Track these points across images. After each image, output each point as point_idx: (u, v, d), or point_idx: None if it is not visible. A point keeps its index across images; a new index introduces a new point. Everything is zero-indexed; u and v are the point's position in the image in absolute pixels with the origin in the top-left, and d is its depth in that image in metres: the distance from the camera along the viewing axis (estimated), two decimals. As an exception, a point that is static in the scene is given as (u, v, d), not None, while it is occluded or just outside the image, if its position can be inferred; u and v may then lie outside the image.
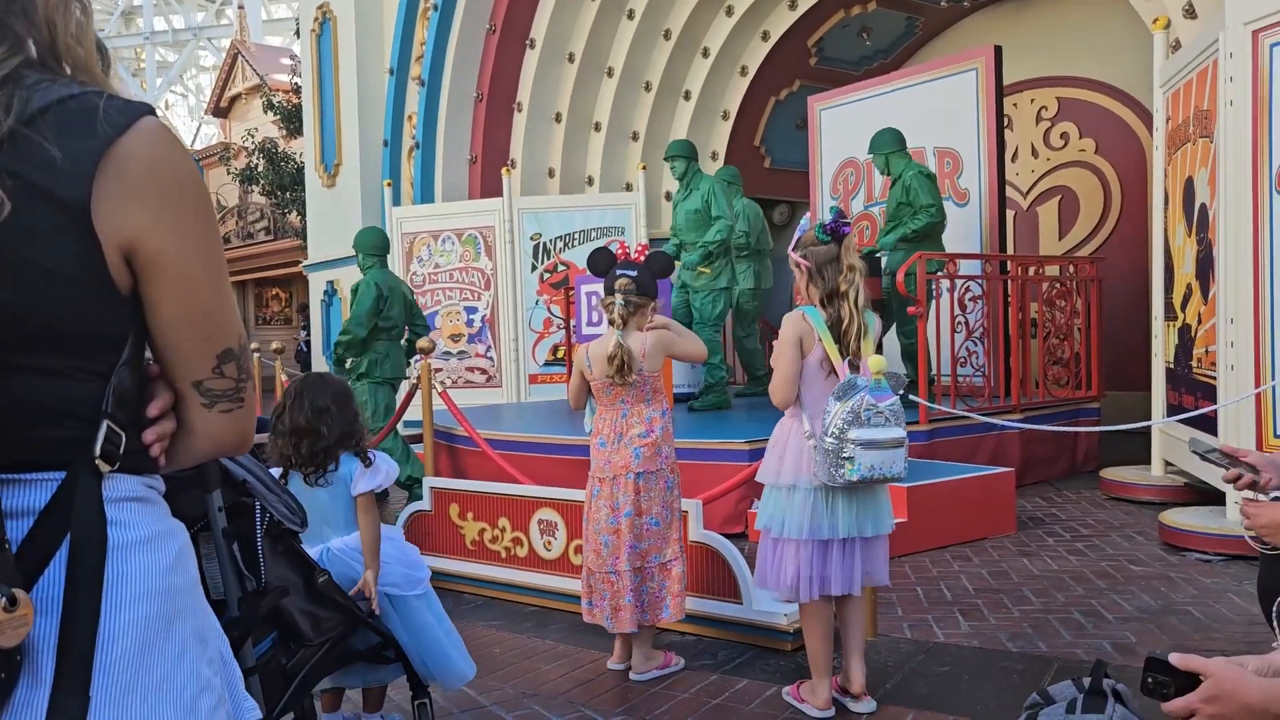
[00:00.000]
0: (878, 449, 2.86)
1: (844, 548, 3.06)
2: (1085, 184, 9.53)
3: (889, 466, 2.90)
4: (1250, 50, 4.76)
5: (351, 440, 2.82)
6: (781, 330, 3.12)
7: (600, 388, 3.54)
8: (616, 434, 3.50)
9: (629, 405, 3.51)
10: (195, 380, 1.11)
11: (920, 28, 10.48)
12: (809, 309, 3.07)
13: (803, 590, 3.06)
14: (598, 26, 10.17)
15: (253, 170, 17.87)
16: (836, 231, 3.03)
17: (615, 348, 3.44)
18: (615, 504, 3.47)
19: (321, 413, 2.76)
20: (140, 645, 1.03)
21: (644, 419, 3.50)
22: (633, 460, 3.45)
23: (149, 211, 1.03)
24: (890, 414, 2.91)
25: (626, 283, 3.49)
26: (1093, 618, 3.90)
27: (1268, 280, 4.73)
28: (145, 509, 1.09)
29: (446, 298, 10.24)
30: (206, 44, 38.64)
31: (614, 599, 3.46)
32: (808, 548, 3.05)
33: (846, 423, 2.86)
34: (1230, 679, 1.34)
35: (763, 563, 3.19)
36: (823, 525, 3.03)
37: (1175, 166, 5.89)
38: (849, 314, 3.00)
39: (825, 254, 3.04)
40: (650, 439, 3.47)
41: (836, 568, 3.06)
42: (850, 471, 2.87)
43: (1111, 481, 6.28)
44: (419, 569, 2.90)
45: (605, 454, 3.51)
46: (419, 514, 4.88)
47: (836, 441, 2.87)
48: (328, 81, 12.02)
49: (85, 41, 1.09)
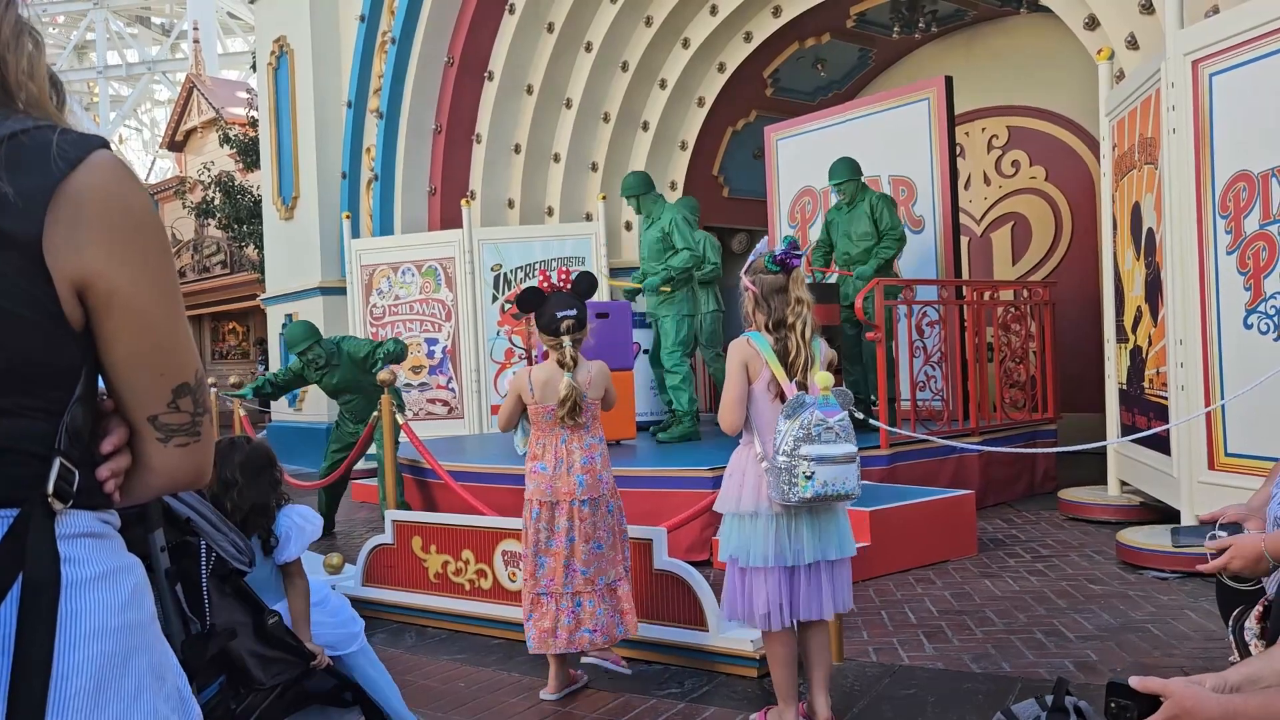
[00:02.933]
0: (830, 464, 2.86)
1: (809, 573, 3.06)
2: (1036, 210, 9.73)
3: (842, 483, 2.89)
4: (1190, 80, 4.91)
5: (267, 514, 2.65)
6: (728, 356, 3.14)
7: (539, 413, 3.56)
8: (557, 459, 3.53)
9: (569, 432, 3.55)
10: (150, 415, 1.10)
11: (873, 59, 10.68)
12: (754, 334, 3.10)
13: (773, 618, 3.04)
14: (556, 58, 10.25)
15: (209, 204, 17.69)
16: (785, 263, 3.05)
17: (569, 390, 3.47)
18: (555, 527, 3.51)
19: (228, 486, 2.58)
20: (96, 683, 1.02)
21: (584, 445, 3.55)
22: (577, 488, 3.49)
23: (102, 248, 1.02)
24: (840, 429, 2.91)
25: (571, 323, 3.52)
26: (1054, 637, 3.94)
27: (1214, 302, 4.85)
28: (99, 545, 1.07)
29: (407, 329, 10.19)
30: (161, 78, 38.37)
31: (540, 620, 3.50)
32: (774, 575, 3.03)
33: (798, 440, 2.86)
34: (1189, 697, 1.37)
35: (731, 594, 3.15)
36: (786, 552, 3.02)
37: (1122, 192, 6.03)
38: (795, 346, 3.01)
39: (773, 283, 3.07)
40: (591, 465, 3.53)
41: (803, 593, 3.05)
42: (804, 488, 2.85)
43: (1069, 502, 6.36)
44: (353, 624, 2.82)
45: (547, 479, 3.53)
46: (381, 547, 4.82)
47: (788, 459, 2.86)
48: (285, 114, 11.97)
49: (37, 76, 1.08)
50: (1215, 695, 1.39)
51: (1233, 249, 4.75)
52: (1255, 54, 4.61)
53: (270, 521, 2.67)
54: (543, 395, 3.53)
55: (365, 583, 4.83)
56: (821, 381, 2.96)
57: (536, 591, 3.53)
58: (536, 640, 3.52)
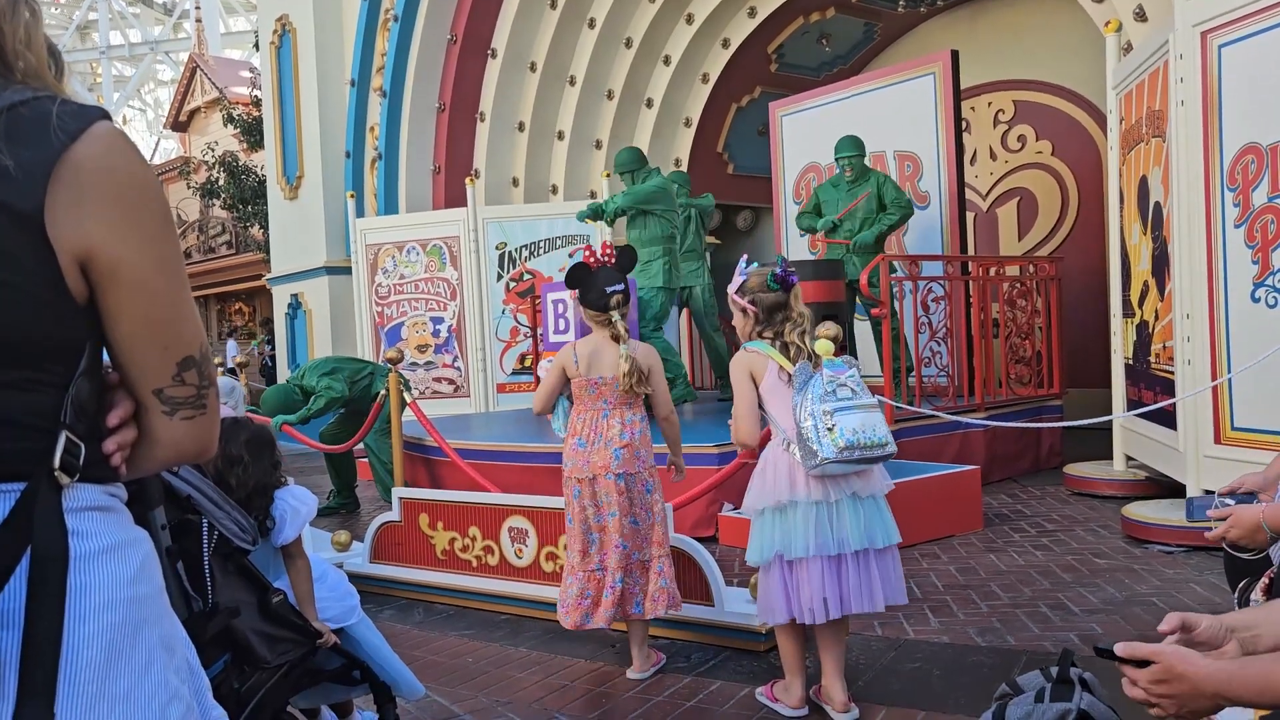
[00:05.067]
0: (852, 413, 2.84)
1: (858, 562, 2.96)
2: (1043, 185, 9.68)
3: (872, 430, 2.84)
4: (1199, 51, 4.87)
5: (266, 496, 2.64)
6: (731, 372, 3.14)
7: (583, 386, 3.52)
8: (596, 434, 3.49)
9: (610, 407, 3.50)
10: (156, 388, 1.10)
11: (878, 33, 10.60)
12: (751, 343, 3.12)
13: (818, 613, 2.92)
14: (559, 36, 10.19)
15: (213, 184, 17.69)
16: (785, 281, 3.07)
17: (630, 364, 3.44)
18: (599, 502, 3.47)
19: (233, 462, 2.56)
20: (106, 656, 1.02)
21: (624, 421, 3.49)
22: (612, 461, 3.44)
23: (105, 220, 1.01)
24: (854, 385, 2.91)
25: (620, 298, 3.49)
26: (1059, 611, 3.95)
27: (1221, 275, 4.83)
28: (107, 518, 1.08)
29: (412, 308, 10.20)
30: (164, 58, 38.24)
31: (597, 595, 3.47)
32: (818, 565, 2.93)
33: (814, 402, 2.86)
34: (1181, 660, 1.35)
35: (771, 594, 3.02)
36: (829, 540, 2.92)
37: (1130, 166, 5.99)
38: (796, 348, 3.04)
39: (773, 302, 3.09)
40: (629, 441, 3.47)
41: (853, 584, 2.95)
42: (835, 439, 2.80)
43: (1075, 477, 6.36)
44: (350, 596, 2.83)
45: (584, 454, 3.49)
46: (389, 524, 4.85)
47: (812, 420, 2.84)
48: (288, 94, 11.94)
49: (35, 46, 1.08)
50: (1208, 660, 1.37)
51: (1240, 222, 4.72)
52: (1264, 25, 4.56)
53: (269, 503, 2.66)
54: (588, 368, 3.48)
55: (373, 559, 4.86)
56: (822, 349, 2.96)
57: (591, 569, 3.47)
58: (596, 616, 3.44)
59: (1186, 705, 1.35)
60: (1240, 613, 1.55)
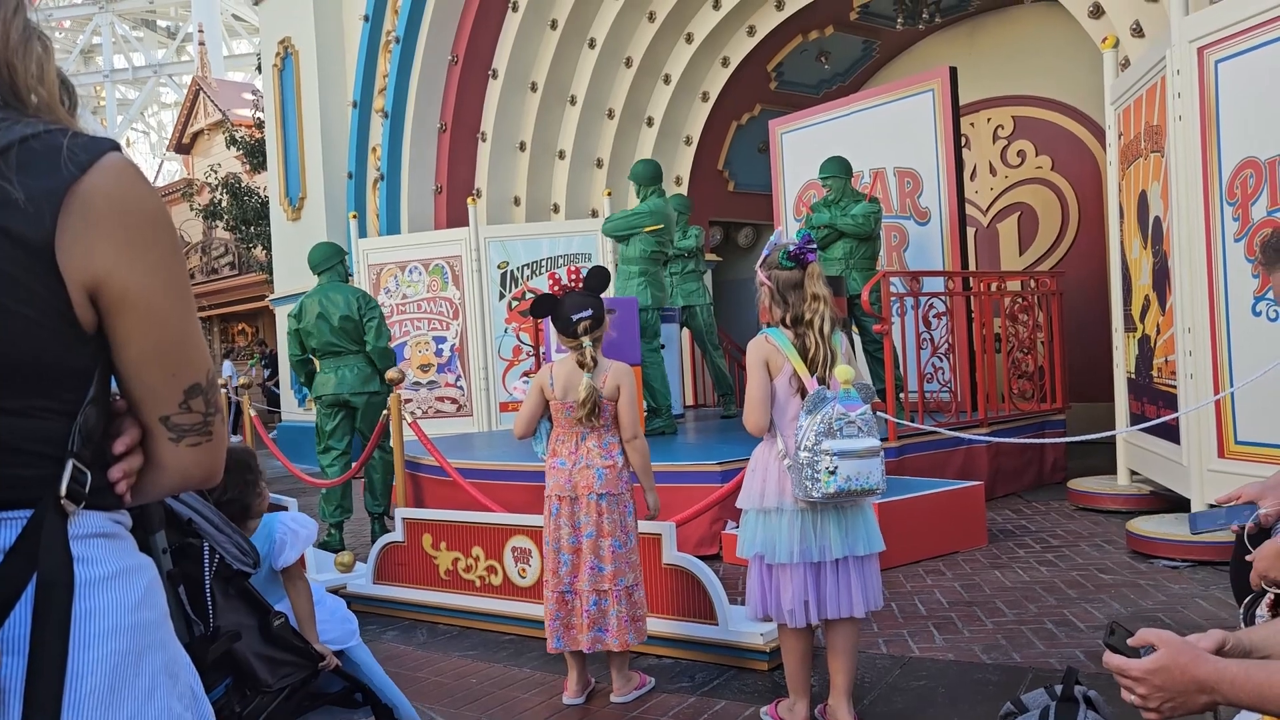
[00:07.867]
0: (853, 459, 2.83)
1: (837, 569, 3.01)
2: (1043, 200, 9.70)
3: (866, 477, 2.85)
4: (1196, 67, 4.89)
5: (247, 515, 2.61)
6: (748, 354, 3.11)
7: (559, 409, 3.53)
8: (577, 455, 3.49)
9: (588, 430, 3.50)
10: (162, 415, 1.10)
11: (877, 51, 10.66)
12: (772, 330, 3.06)
13: (798, 615, 2.99)
14: (559, 55, 10.25)
15: (216, 206, 17.76)
16: (800, 258, 3.01)
17: (588, 391, 3.42)
18: (576, 523, 3.45)
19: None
20: (110, 682, 1.03)
21: (602, 444, 3.49)
22: (595, 481, 3.43)
23: (114, 250, 1.02)
24: (862, 424, 2.88)
25: (587, 323, 3.46)
26: (1065, 627, 3.94)
27: (1222, 289, 4.84)
28: (112, 545, 1.08)
29: (415, 328, 10.22)
30: (167, 80, 38.47)
31: (566, 618, 3.46)
32: (800, 571, 2.98)
33: (819, 435, 2.83)
34: (1183, 653, 1.34)
35: (756, 591, 3.10)
36: (812, 548, 2.97)
37: (1129, 181, 6.01)
38: (814, 343, 2.98)
39: (789, 279, 3.03)
40: (611, 462, 3.47)
41: (830, 590, 3.00)
42: (827, 484, 2.81)
43: (1079, 492, 6.35)
44: (349, 620, 2.84)
45: (565, 473, 3.49)
46: (391, 545, 4.84)
47: (811, 455, 2.84)
48: (290, 115, 12.01)
49: (47, 80, 1.09)
50: (1211, 657, 1.35)
51: (1240, 236, 4.73)
52: (1261, 40, 4.58)
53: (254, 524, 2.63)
54: (564, 391, 3.48)
55: (376, 580, 4.86)
56: (842, 376, 2.92)
57: (560, 590, 3.46)
58: (565, 639, 3.44)
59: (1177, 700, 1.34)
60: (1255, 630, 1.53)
